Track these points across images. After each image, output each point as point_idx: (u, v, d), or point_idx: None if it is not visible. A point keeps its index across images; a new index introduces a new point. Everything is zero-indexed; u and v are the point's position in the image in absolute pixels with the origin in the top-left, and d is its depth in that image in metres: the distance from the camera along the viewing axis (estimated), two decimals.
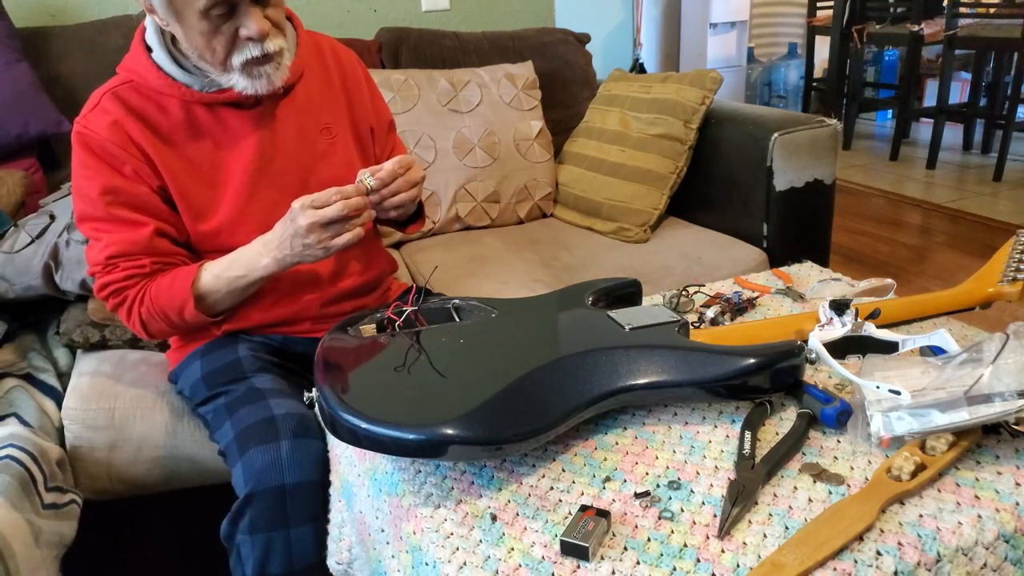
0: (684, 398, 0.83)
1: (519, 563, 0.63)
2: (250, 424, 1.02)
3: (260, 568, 0.98)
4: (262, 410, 1.03)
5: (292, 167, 1.16)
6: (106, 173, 1.06)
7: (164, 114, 1.09)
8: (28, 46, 1.75)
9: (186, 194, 1.10)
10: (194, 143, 1.10)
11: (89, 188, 1.06)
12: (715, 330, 0.97)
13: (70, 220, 1.38)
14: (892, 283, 1.07)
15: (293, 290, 1.16)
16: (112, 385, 1.28)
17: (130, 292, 1.08)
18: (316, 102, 1.19)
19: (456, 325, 0.94)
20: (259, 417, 1.02)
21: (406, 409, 0.74)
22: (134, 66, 1.09)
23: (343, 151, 1.22)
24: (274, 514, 0.97)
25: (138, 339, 1.38)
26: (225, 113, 1.11)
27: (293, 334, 1.19)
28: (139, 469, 1.26)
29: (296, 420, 1.02)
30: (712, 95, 1.82)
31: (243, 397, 1.07)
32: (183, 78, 1.08)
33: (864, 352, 0.88)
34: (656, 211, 1.81)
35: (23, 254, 1.36)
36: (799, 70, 4.77)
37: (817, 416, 0.78)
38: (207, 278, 1.08)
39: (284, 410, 1.03)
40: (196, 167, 1.10)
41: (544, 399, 0.75)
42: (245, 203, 1.12)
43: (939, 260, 2.83)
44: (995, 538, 0.64)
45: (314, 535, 0.99)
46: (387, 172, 1.07)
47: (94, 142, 1.06)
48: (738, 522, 0.65)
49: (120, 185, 1.06)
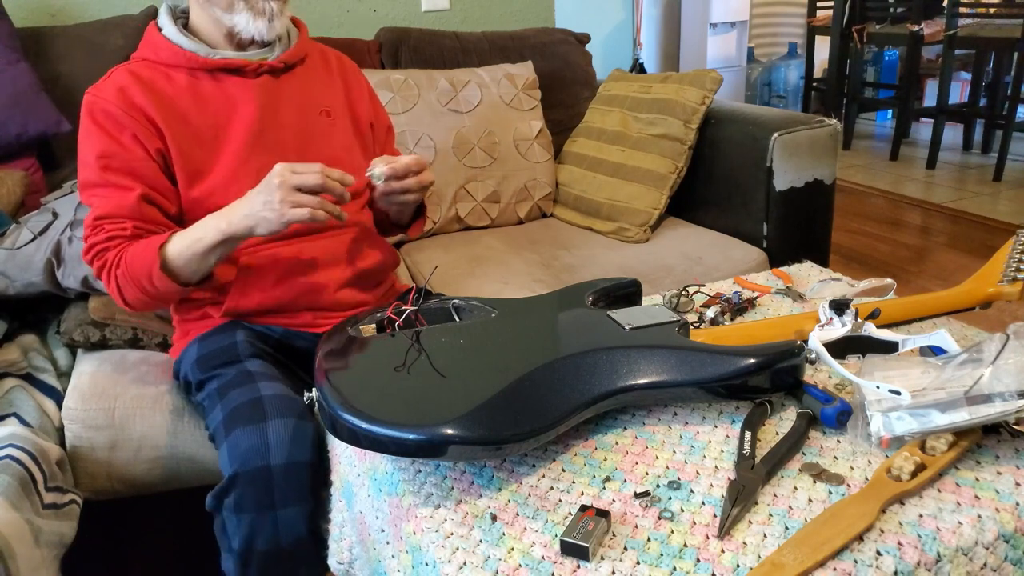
0: (684, 398, 0.83)
1: (519, 563, 0.63)
2: (238, 405, 1.03)
3: (247, 545, 0.98)
4: (250, 391, 1.04)
5: (290, 139, 1.19)
6: (104, 139, 1.10)
7: (170, 82, 1.14)
8: (28, 46, 1.75)
9: (185, 155, 1.12)
10: (197, 107, 1.14)
11: (88, 154, 1.10)
12: (715, 330, 0.97)
13: (73, 217, 1.39)
14: (892, 283, 1.07)
15: (294, 271, 1.17)
16: (112, 385, 1.28)
17: (109, 255, 1.08)
18: (316, 87, 1.24)
19: (456, 325, 0.94)
20: (247, 398, 1.03)
21: (406, 409, 0.74)
22: (145, 44, 1.17)
23: (342, 136, 1.25)
24: (260, 496, 0.97)
25: (139, 339, 1.38)
26: (228, 81, 1.16)
27: (293, 327, 1.19)
28: (139, 469, 1.26)
29: (284, 401, 1.02)
30: (712, 95, 1.82)
31: (234, 380, 1.07)
32: (190, 45, 1.15)
33: (864, 352, 0.88)
34: (656, 211, 1.81)
35: (25, 251, 1.36)
36: (799, 70, 4.77)
37: (817, 416, 0.78)
38: (173, 240, 1.07)
39: (272, 391, 1.04)
40: (196, 130, 1.14)
41: (544, 399, 0.75)
42: (239, 165, 1.14)
43: (939, 260, 2.83)
44: (995, 538, 0.64)
45: (302, 515, 0.99)
46: (403, 165, 1.10)
47: (98, 108, 1.10)
48: (738, 522, 0.65)
49: (115, 150, 1.09)
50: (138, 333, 1.38)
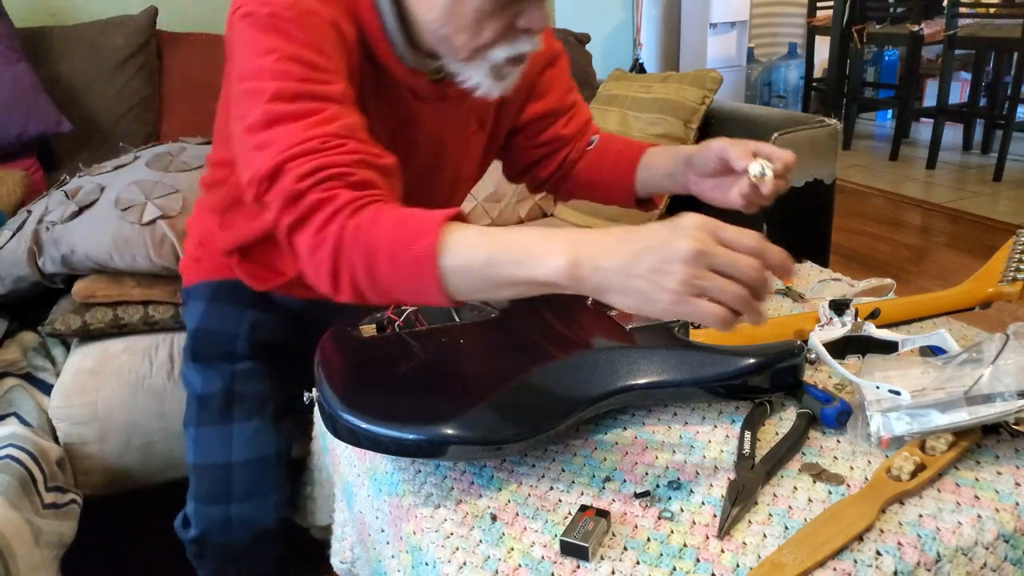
0: (684, 398, 0.83)
1: (519, 563, 0.63)
2: (204, 467, 1.06)
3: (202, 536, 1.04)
4: (222, 444, 1.05)
5: (442, 153, 1.00)
6: (307, 49, 0.78)
7: (370, 56, 0.88)
8: (28, 46, 1.75)
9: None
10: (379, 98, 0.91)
11: (279, 64, 0.77)
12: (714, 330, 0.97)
13: (43, 212, 1.40)
14: (892, 283, 1.06)
15: None
16: (92, 378, 1.28)
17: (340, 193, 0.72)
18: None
19: (455, 325, 0.94)
20: (216, 461, 1.05)
21: (405, 409, 0.74)
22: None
23: (477, 141, 1.07)
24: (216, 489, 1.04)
25: (120, 319, 1.37)
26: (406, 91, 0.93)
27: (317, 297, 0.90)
28: (132, 458, 1.26)
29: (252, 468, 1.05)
30: (712, 95, 1.82)
31: (211, 407, 1.05)
32: (397, 39, 0.87)
33: (864, 352, 0.88)
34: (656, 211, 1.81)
35: (7, 248, 1.38)
36: (799, 70, 4.77)
37: (817, 416, 0.78)
38: (469, 234, 0.68)
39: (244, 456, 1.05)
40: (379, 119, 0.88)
41: (544, 399, 0.75)
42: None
43: (939, 260, 2.83)
44: (995, 538, 0.64)
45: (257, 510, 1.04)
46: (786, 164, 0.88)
47: (303, 16, 0.79)
48: (738, 522, 0.65)
49: (325, 64, 0.79)
50: (118, 312, 1.37)
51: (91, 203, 1.39)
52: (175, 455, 1.28)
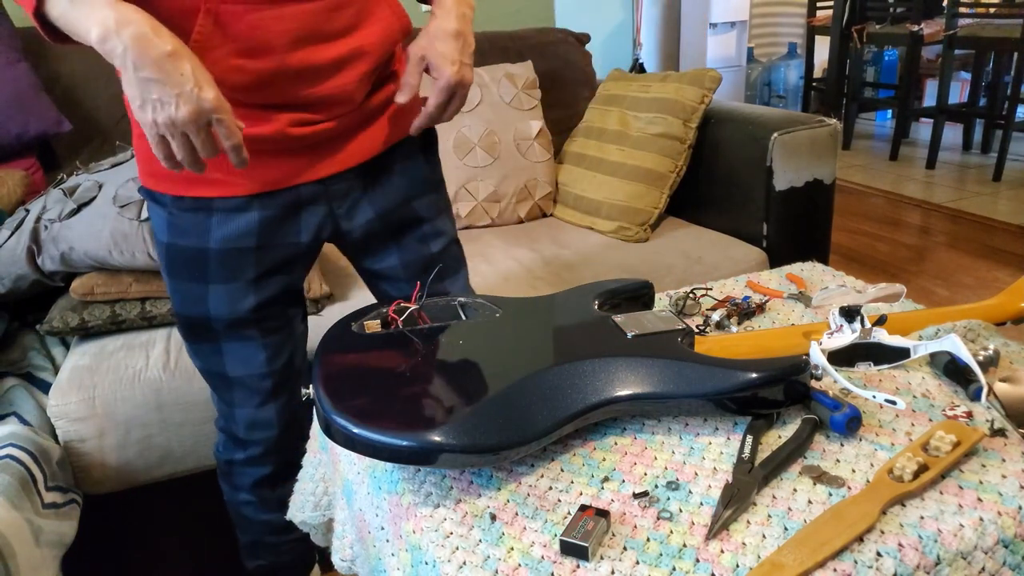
0: (683, 410, 0.82)
1: (519, 563, 0.63)
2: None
3: None
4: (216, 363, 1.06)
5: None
6: None
7: None
8: (28, 46, 1.75)
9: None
10: None
11: None
12: (721, 339, 0.95)
13: (40, 211, 1.41)
14: (902, 288, 1.04)
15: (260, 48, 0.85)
16: (89, 375, 1.28)
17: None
18: None
19: (456, 325, 0.94)
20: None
21: (399, 414, 0.74)
22: None
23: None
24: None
25: (118, 315, 1.37)
26: None
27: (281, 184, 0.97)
28: (131, 452, 1.26)
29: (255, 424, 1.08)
30: (711, 94, 1.82)
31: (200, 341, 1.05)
32: None
33: (874, 359, 0.87)
34: (656, 210, 1.81)
35: (7, 246, 1.38)
36: (799, 70, 4.78)
37: (822, 422, 0.77)
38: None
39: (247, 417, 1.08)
40: None
41: (538, 407, 0.75)
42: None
43: (939, 260, 2.83)
44: (995, 543, 0.63)
45: None
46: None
47: None
48: (729, 524, 0.65)
49: None
50: (116, 309, 1.37)
51: (89, 200, 1.39)
52: (173, 448, 1.28)
